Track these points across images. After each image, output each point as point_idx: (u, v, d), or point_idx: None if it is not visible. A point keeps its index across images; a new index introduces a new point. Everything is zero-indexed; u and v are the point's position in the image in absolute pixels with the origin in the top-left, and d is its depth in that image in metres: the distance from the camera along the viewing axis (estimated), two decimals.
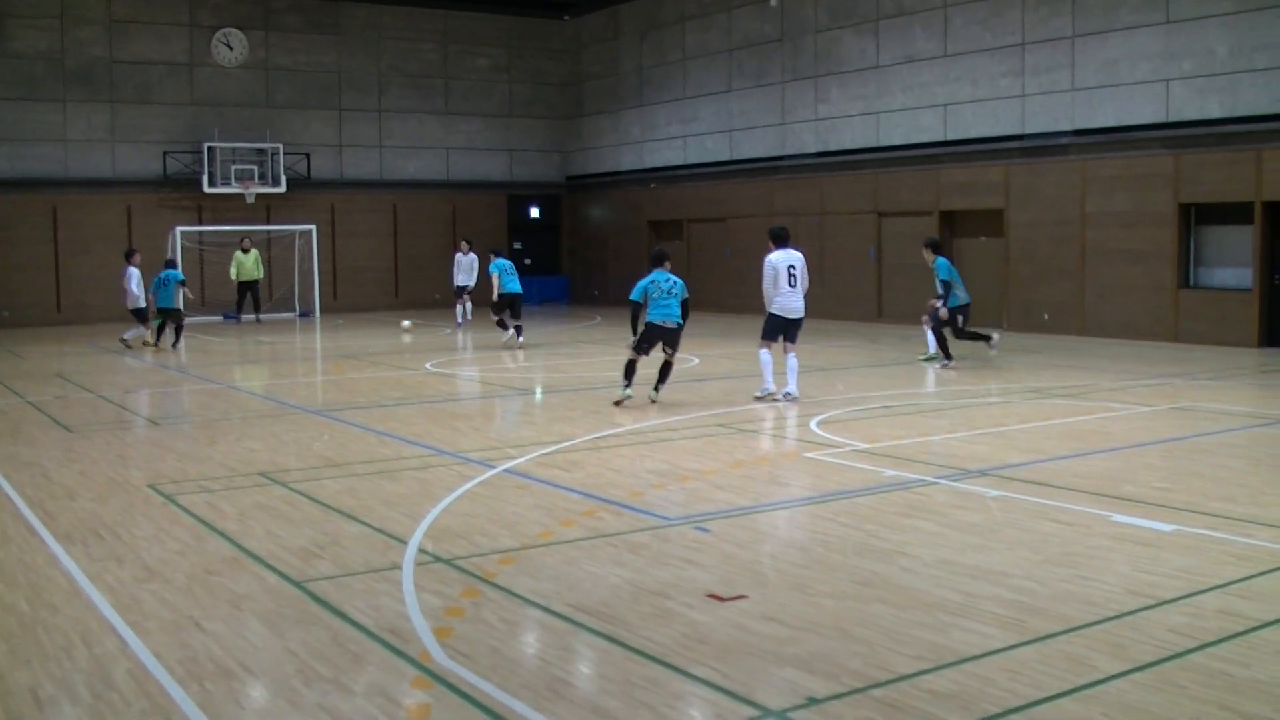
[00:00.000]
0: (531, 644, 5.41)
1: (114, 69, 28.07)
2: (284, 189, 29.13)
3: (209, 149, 28.29)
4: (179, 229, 27.68)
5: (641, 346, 12.71)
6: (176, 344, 20.73)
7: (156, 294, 20.61)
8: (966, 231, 23.28)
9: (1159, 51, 19.49)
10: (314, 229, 29.33)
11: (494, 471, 9.25)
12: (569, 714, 4.53)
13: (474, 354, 19.72)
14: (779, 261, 12.98)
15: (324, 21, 30.58)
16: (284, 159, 29.17)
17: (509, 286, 20.21)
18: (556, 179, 34.27)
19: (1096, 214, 20.53)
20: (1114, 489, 8.31)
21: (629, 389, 12.69)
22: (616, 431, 11.16)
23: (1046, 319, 21.35)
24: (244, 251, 27.48)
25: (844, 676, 4.84)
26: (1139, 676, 4.79)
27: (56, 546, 7.16)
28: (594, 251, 33.52)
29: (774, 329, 13.11)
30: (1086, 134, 20.65)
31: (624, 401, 12.67)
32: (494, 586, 6.17)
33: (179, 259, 25.04)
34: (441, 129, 32.27)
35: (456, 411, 13.19)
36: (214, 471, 9.46)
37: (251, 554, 6.88)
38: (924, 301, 17.49)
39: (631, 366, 12.72)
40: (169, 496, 8.53)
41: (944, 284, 15.77)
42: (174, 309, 20.63)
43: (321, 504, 8.20)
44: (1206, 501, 7.93)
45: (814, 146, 26.10)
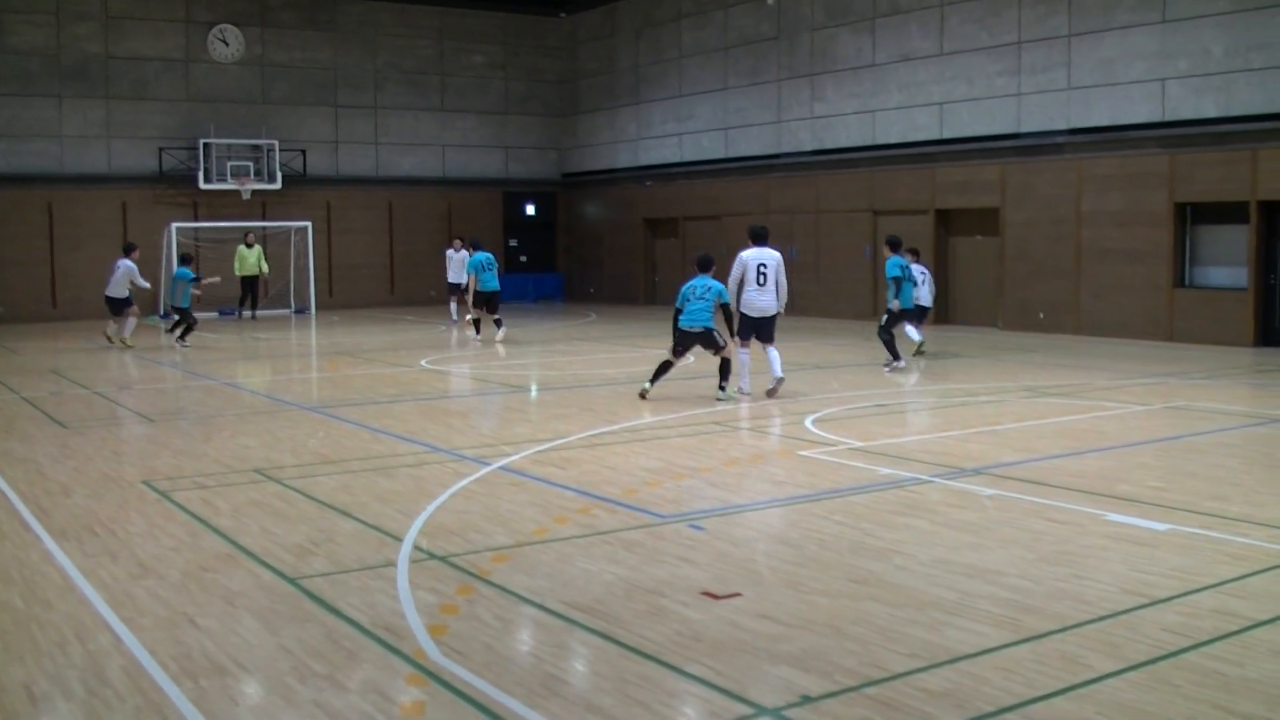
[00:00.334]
0: (526, 641, 5.41)
1: (110, 65, 28.01)
2: (280, 185, 29.07)
3: (205, 145, 28.24)
4: (174, 225, 27.63)
5: (677, 350, 13.01)
6: (175, 334, 20.36)
7: (171, 293, 20.56)
8: (962, 230, 23.29)
9: (1155, 51, 19.51)
10: (309, 225, 29.29)
11: (489, 469, 9.25)
12: (563, 711, 4.53)
13: (469, 351, 19.70)
14: (749, 258, 13.05)
15: (320, 18, 30.53)
16: (280, 155, 29.12)
17: (488, 284, 20.23)
18: (552, 176, 34.25)
19: (1092, 213, 20.54)
20: (1109, 488, 8.32)
21: (650, 384, 13.03)
22: (611, 429, 11.16)
23: (1042, 318, 21.36)
24: (248, 246, 27.42)
25: (838, 674, 4.84)
26: (1133, 675, 4.80)
27: (51, 543, 7.15)
28: (589, 249, 33.50)
29: (745, 329, 13.17)
30: (1082, 133, 20.66)
31: (646, 394, 13.00)
32: (488, 584, 6.17)
33: (188, 255, 24.62)
34: (437, 126, 32.24)
35: (451, 408, 13.20)
36: (209, 468, 9.45)
37: (246, 550, 6.87)
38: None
39: (664, 367, 13.03)
40: (163, 493, 8.52)
41: (893, 281, 15.93)
42: (183, 308, 20.45)
43: (316, 501, 8.19)
44: (1201, 501, 7.93)
45: (810, 145, 26.09)
